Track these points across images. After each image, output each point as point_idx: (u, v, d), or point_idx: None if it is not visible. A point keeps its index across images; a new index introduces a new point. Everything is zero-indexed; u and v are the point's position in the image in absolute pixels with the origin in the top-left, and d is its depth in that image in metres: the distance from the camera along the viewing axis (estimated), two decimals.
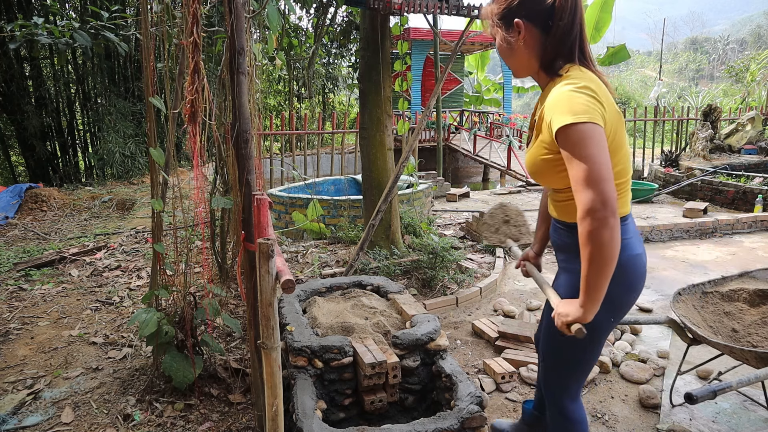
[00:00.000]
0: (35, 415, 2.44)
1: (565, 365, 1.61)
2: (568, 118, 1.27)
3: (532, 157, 1.49)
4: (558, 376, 1.64)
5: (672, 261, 5.00)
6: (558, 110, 1.31)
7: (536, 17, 1.40)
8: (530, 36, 1.42)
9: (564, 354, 1.60)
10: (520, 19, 1.41)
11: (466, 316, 3.68)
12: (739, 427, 2.37)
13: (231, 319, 2.65)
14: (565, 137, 1.28)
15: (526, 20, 1.41)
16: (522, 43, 1.43)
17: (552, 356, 1.65)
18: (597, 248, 1.25)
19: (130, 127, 10.41)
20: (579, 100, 1.29)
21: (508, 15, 1.43)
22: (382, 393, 2.02)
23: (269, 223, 1.62)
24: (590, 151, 1.25)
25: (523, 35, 1.42)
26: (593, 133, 1.26)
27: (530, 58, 1.45)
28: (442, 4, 3.72)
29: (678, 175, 8.24)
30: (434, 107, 10.72)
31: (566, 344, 1.55)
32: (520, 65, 1.49)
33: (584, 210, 1.25)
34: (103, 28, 3.30)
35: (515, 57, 1.48)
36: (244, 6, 1.89)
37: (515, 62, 1.50)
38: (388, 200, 3.74)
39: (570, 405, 1.64)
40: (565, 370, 1.61)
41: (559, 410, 1.66)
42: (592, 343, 1.53)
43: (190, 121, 2.02)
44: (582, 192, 1.26)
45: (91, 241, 5.59)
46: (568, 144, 1.28)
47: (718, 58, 46.34)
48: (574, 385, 1.63)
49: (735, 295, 2.59)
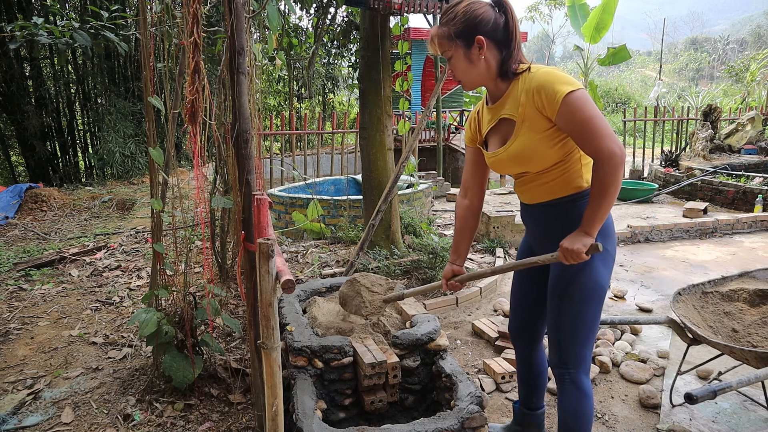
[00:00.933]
0: (35, 415, 2.44)
1: (584, 332, 1.70)
2: (568, 87, 1.49)
3: (523, 145, 1.62)
4: (576, 348, 1.71)
5: (672, 261, 5.00)
6: (554, 84, 1.50)
7: (494, 34, 1.59)
8: (490, 51, 1.60)
9: (581, 327, 1.69)
10: (482, 36, 1.58)
11: (466, 316, 3.68)
12: (739, 427, 2.37)
13: (231, 319, 2.65)
14: (572, 102, 1.47)
15: (486, 37, 1.58)
16: (482, 57, 1.60)
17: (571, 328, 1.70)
18: (616, 185, 1.47)
19: (130, 127, 10.41)
20: (564, 75, 1.52)
21: (468, 33, 1.59)
22: (382, 393, 2.02)
23: (269, 223, 1.62)
24: (596, 110, 1.47)
25: (484, 50, 1.59)
26: (588, 96, 1.50)
27: (489, 70, 1.63)
28: (442, 4, 3.73)
29: (678, 175, 8.24)
30: (434, 107, 10.71)
31: (582, 318, 1.68)
32: (478, 77, 1.65)
33: (608, 154, 1.46)
34: (103, 28, 3.30)
35: (474, 70, 1.63)
36: (244, 6, 1.89)
37: (473, 75, 1.65)
38: (388, 200, 3.74)
39: (585, 378, 1.74)
40: (584, 337, 1.71)
41: (576, 385, 1.73)
42: (600, 306, 1.71)
43: (191, 121, 2.02)
44: (600, 141, 1.46)
45: (91, 241, 5.59)
46: (575, 107, 1.47)
47: (718, 58, 46.32)
48: (589, 353, 1.73)
49: (735, 295, 2.59)
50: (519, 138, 1.62)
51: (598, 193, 1.49)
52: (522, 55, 1.66)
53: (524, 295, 2.00)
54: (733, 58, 36.17)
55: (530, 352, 2.05)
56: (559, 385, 1.77)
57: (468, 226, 1.95)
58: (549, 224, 1.75)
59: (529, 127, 1.59)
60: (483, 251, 5.03)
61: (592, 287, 1.67)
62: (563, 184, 1.66)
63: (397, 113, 12.57)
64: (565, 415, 1.76)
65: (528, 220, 1.86)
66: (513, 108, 1.63)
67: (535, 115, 1.56)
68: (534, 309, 1.98)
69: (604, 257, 1.68)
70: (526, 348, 2.05)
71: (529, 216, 1.83)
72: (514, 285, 2.04)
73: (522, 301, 2.01)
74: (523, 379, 2.10)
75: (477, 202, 1.95)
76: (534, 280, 1.94)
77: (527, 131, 1.60)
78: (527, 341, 2.04)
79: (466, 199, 1.95)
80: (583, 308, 1.68)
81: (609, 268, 1.71)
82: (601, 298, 1.69)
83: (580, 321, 1.69)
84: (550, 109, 1.51)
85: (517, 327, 2.05)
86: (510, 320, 2.09)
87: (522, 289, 2.01)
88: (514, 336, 2.08)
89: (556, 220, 1.72)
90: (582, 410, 1.73)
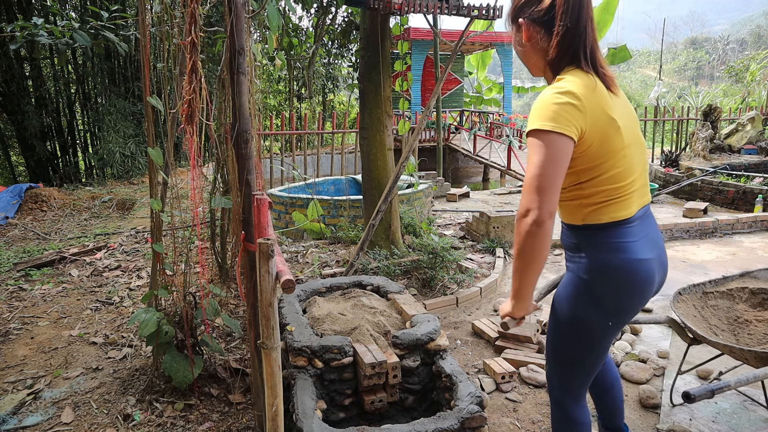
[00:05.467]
0: (35, 415, 2.44)
1: (563, 364, 1.62)
2: (534, 123, 1.34)
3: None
4: (558, 375, 1.65)
5: (672, 261, 5.00)
6: (532, 114, 1.37)
7: (537, 18, 1.44)
8: (534, 36, 1.46)
9: (560, 353, 1.62)
10: (523, 20, 1.47)
11: (466, 316, 3.68)
12: (739, 427, 2.37)
13: (231, 319, 2.65)
14: (529, 141, 1.36)
15: (529, 20, 1.45)
16: (528, 42, 1.48)
17: (551, 355, 1.67)
18: (519, 248, 1.36)
19: (130, 127, 10.41)
20: (552, 108, 1.32)
21: (515, 16, 1.50)
22: (382, 393, 2.02)
23: (269, 223, 1.62)
24: (540, 159, 1.31)
25: (526, 35, 1.47)
26: (551, 142, 1.30)
27: (537, 58, 1.50)
28: (442, 4, 3.72)
29: (678, 175, 8.24)
30: (434, 107, 10.72)
31: (561, 344, 1.60)
32: (530, 64, 1.55)
33: (519, 212, 1.35)
34: (103, 28, 3.30)
35: (525, 56, 1.54)
36: (244, 6, 1.89)
37: (527, 61, 1.55)
38: (388, 200, 3.74)
39: (573, 405, 1.65)
40: (563, 368, 1.63)
41: (562, 409, 1.67)
42: (588, 344, 1.54)
43: (187, 121, 2.02)
44: (523, 194, 1.35)
45: (91, 241, 5.59)
46: (529, 147, 1.35)
47: (718, 58, 46.31)
48: (576, 384, 1.62)
49: (736, 294, 2.59)
50: None
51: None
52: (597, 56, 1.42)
53: None
54: (733, 58, 36.15)
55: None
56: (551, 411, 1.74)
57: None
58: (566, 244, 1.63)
59: None
60: (483, 251, 5.03)
61: (570, 319, 1.52)
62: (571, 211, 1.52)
63: (397, 113, 12.57)
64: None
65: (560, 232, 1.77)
66: None
67: None
68: None
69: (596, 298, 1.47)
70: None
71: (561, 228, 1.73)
72: None
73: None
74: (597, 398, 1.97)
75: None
76: None
77: None
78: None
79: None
80: (559, 340, 1.60)
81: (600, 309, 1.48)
82: (587, 337, 1.51)
83: (557, 351, 1.62)
84: None
85: None
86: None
87: None
88: None
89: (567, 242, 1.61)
90: None
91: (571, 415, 1.65)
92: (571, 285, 1.53)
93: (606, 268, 1.46)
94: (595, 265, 1.47)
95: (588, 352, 1.55)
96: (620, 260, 1.44)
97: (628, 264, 1.44)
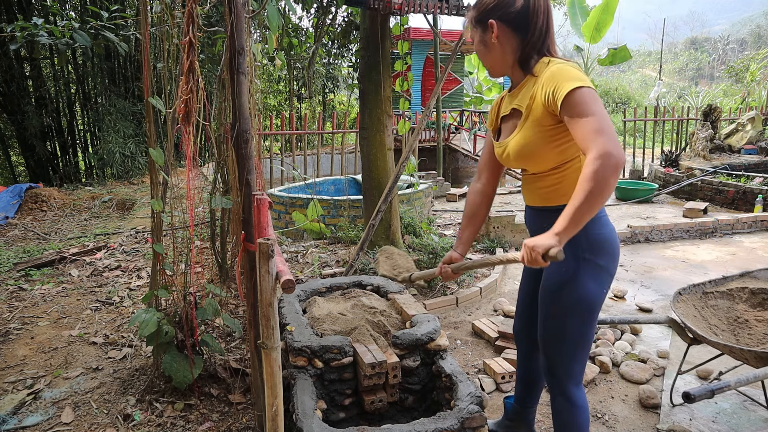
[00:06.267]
0: (35, 415, 2.44)
1: (570, 350, 1.66)
2: (574, 83, 1.40)
3: (524, 140, 1.59)
4: (563, 361, 1.68)
5: (672, 261, 5.00)
6: (561, 80, 1.43)
7: (509, 19, 1.56)
8: (503, 35, 1.58)
9: (567, 340, 1.65)
10: (494, 20, 1.57)
11: (466, 316, 3.68)
12: (739, 427, 2.37)
13: (231, 319, 2.65)
14: (576, 98, 1.39)
15: (499, 21, 1.57)
16: (496, 41, 1.59)
17: (555, 341, 1.68)
18: (601, 187, 1.30)
19: (130, 127, 10.41)
20: (575, 71, 1.45)
21: (484, 17, 1.60)
22: (382, 393, 2.02)
23: (269, 223, 1.62)
24: (599, 108, 1.37)
25: (495, 34, 1.58)
26: (596, 95, 1.40)
27: (504, 55, 1.61)
28: (442, 4, 3.73)
29: (678, 175, 8.24)
30: (434, 107, 10.71)
31: (567, 330, 1.64)
32: (495, 62, 1.65)
33: (600, 152, 1.30)
34: (103, 28, 3.30)
35: (490, 55, 1.64)
36: (244, 6, 1.89)
37: (491, 60, 1.65)
38: (388, 200, 3.74)
39: (575, 390, 1.70)
40: (569, 351, 1.67)
41: (566, 397, 1.70)
42: (591, 320, 1.64)
43: (184, 121, 2.02)
44: (596, 139, 1.33)
45: (91, 241, 5.59)
46: (578, 104, 1.38)
47: (718, 58, 46.30)
48: (579, 367, 1.69)
49: (736, 294, 2.59)
50: (522, 131, 1.59)
51: (581, 188, 1.31)
52: (553, 48, 1.59)
53: (527, 298, 1.99)
54: (733, 58, 36.14)
55: (531, 354, 2.05)
56: (551, 396, 1.76)
57: (477, 212, 1.90)
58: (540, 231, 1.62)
59: (533, 122, 1.54)
60: (483, 251, 5.03)
61: (575, 302, 1.60)
62: (558, 193, 1.61)
63: (397, 113, 12.57)
64: (558, 427, 1.75)
65: (526, 221, 1.85)
66: (524, 100, 1.59)
67: (542, 109, 1.50)
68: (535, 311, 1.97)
69: (594, 271, 1.59)
70: (527, 349, 2.06)
71: (527, 217, 1.82)
72: (521, 287, 2.04)
73: (525, 303, 2.01)
74: (521, 379, 2.12)
75: (490, 189, 1.90)
76: (534, 282, 1.93)
77: (531, 125, 1.56)
78: (528, 343, 2.04)
79: (479, 183, 1.91)
80: (567, 323, 1.63)
81: (601, 284, 1.61)
82: (590, 313, 1.62)
83: (565, 336, 1.65)
84: (556, 102, 1.44)
85: (519, 328, 2.06)
86: (514, 321, 2.11)
87: (525, 291, 2.00)
88: (517, 336, 2.09)
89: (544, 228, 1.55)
90: (573, 422, 1.70)
91: (576, 401, 1.69)
92: (567, 269, 1.60)
93: (603, 242, 1.60)
94: (594, 240, 1.59)
95: (590, 328, 1.65)
96: (610, 231, 1.63)
97: (611, 233, 1.63)
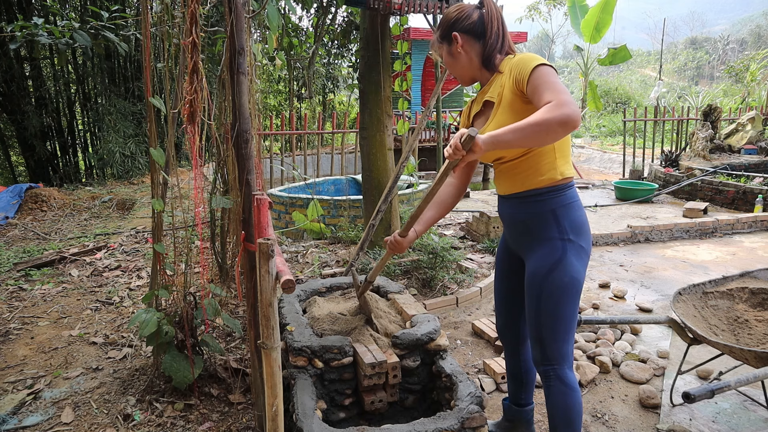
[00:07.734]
0: (35, 415, 2.44)
1: (563, 325, 1.72)
2: (538, 61, 1.58)
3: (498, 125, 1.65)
4: (556, 342, 1.73)
5: (672, 261, 5.00)
6: (526, 61, 1.61)
7: (469, 29, 1.76)
8: (467, 43, 1.78)
9: (560, 322, 1.72)
10: (456, 32, 1.77)
11: (466, 316, 3.68)
12: (739, 427, 2.37)
13: (231, 319, 2.65)
14: (539, 72, 1.56)
15: (461, 32, 1.77)
16: (461, 50, 1.78)
17: (549, 321, 1.72)
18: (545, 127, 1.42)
19: (130, 127, 10.41)
20: (536, 56, 1.63)
21: (448, 32, 1.80)
22: (382, 393, 2.02)
23: (269, 223, 1.62)
24: (559, 80, 1.55)
25: (460, 44, 1.77)
26: (555, 72, 1.58)
27: (471, 60, 1.79)
28: (442, 4, 3.73)
29: (678, 175, 8.24)
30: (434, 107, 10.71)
31: (560, 312, 1.71)
32: (464, 69, 1.82)
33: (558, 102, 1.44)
34: (103, 28, 3.29)
35: (459, 63, 1.82)
36: (244, 6, 1.89)
37: (459, 68, 1.83)
38: (388, 200, 3.73)
39: (570, 373, 1.76)
40: (563, 331, 1.73)
41: (562, 380, 1.74)
42: (577, 298, 1.74)
43: (189, 121, 2.02)
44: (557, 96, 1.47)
45: (91, 241, 5.59)
46: (543, 77, 1.54)
47: (718, 58, 46.28)
48: (570, 348, 1.76)
49: (736, 294, 2.59)
50: (496, 117, 1.69)
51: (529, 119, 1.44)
52: (510, 47, 1.78)
53: (506, 292, 2.04)
54: (733, 58, 36.13)
55: (518, 349, 2.08)
56: (545, 383, 1.78)
57: (445, 200, 1.98)
58: (521, 219, 1.78)
59: (506, 107, 1.66)
60: (483, 251, 5.03)
61: (567, 282, 1.69)
62: (537, 174, 1.70)
63: (397, 113, 12.56)
64: (554, 412, 1.77)
65: (503, 213, 1.89)
66: (495, 91, 1.73)
67: (513, 93, 1.64)
68: (516, 306, 2.02)
69: (578, 252, 1.71)
70: (513, 345, 2.09)
71: (504, 208, 1.88)
72: (496, 283, 2.08)
73: (504, 299, 2.05)
74: (511, 376, 2.14)
75: (461, 183, 2.00)
76: (513, 278, 1.98)
77: (503, 111, 1.67)
78: (513, 338, 2.07)
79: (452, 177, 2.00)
80: (561, 304, 1.71)
81: (583, 262, 1.74)
82: (578, 291, 1.72)
83: (559, 317, 1.71)
84: (523, 79, 1.58)
85: (503, 325, 2.09)
86: (496, 318, 2.13)
87: (503, 287, 2.04)
88: (501, 334, 2.12)
89: (526, 215, 1.76)
90: (570, 404, 1.74)
91: (570, 383, 1.75)
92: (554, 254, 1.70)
93: (582, 224, 1.74)
94: (574, 223, 1.72)
95: (577, 308, 1.76)
96: (584, 214, 1.77)
97: (584, 215, 1.77)
